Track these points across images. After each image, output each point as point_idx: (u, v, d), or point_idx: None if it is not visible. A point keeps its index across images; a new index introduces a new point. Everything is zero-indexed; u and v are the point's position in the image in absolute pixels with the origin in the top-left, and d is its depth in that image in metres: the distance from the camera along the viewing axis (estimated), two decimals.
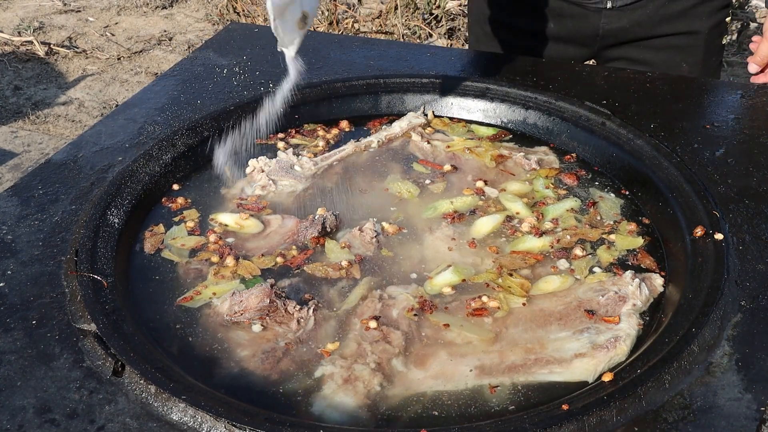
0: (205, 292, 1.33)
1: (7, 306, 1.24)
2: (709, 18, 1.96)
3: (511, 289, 1.32)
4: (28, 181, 1.53)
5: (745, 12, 4.58)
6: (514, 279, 1.34)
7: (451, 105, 1.82)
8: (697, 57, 2.00)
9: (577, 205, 1.52)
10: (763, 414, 1.05)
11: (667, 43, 1.98)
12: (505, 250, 1.42)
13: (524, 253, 1.40)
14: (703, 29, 1.96)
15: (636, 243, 1.43)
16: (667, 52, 1.99)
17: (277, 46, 1.42)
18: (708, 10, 1.95)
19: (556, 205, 1.52)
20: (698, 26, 1.96)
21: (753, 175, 1.52)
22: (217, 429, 1.04)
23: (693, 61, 2.00)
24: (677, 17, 1.95)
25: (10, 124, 3.96)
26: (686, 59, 1.99)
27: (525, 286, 1.33)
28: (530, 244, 1.43)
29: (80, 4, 5.29)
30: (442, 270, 1.36)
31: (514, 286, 1.33)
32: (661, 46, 1.99)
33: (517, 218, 1.49)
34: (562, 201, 1.53)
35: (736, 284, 1.26)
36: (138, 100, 1.80)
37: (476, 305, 1.28)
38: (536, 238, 1.43)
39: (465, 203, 1.53)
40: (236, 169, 1.61)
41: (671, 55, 1.99)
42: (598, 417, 1.04)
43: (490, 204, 1.54)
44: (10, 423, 1.04)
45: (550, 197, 1.54)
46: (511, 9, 2.06)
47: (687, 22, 1.95)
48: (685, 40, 1.98)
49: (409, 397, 1.15)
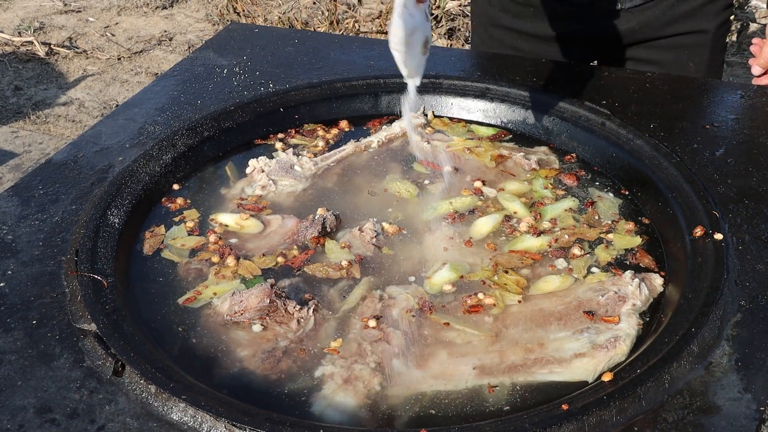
0: (206, 292, 1.33)
1: (7, 306, 1.24)
2: (716, 17, 1.96)
3: (507, 286, 1.33)
4: (28, 181, 1.53)
5: (744, 12, 4.58)
6: (510, 276, 1.35)
7: (451, 105, 1.82)
8: (704, 56, 2.00)
9: (576, 204, 1.53)
10: (763, 414, 1.05)
11: (675, 42, 1.98)
12: (503, 249, 1.42)
13: (522, 252, 1.41)
14: (710, 28, 1.96)
15: (634, 242, 1.43)
16: (674, 51, 1.99)
17: (404, 78, 1.41)
18: (715, 9, 1.95)
19: (554, 205, 1.52)
20: (706, 25, 1.96)
21: (753, 175, 1.52)
22: (217, 429, 1.04)
23: (700, 60, 2.00)
24: (686, 17, 1.94)
25: (10, 124, 3.96)
26: (693, 58, 1.99)
27: (521, 283, 1.34)
28: (528, 243, 1.43)
29: (80, 5, 5.29)
30: (439, 268, 1.37)
31: (510, 283, 1.33)
32: (669, 45, 1.99)
33: (515, 218, 1.50)
34: (560, 201, 1.53)
35: (736, 284, 1.26)
36: (138, 100, 1.80)
37: (472, 302, 1.29)
38: (534, 238, 1.44)
39: (464, 203, 1.53)
40: None
41: (679, 55, 1.99)
42: (597, 417, 1.04)
43: (489, 204, 1.54)
44: (11, 423, 1.04)
45: (549, 197, 1.55)
46: (515, 12, 2.05)
47: (695, 21, 1.95)
48: (693, 39, 1.98)
49: (409, 397, 1.15)
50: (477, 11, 2.18)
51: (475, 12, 2.20)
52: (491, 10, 2.10)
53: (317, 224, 1.45)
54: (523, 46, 2.06)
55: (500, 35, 2.10)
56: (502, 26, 2.09)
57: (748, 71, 1.91)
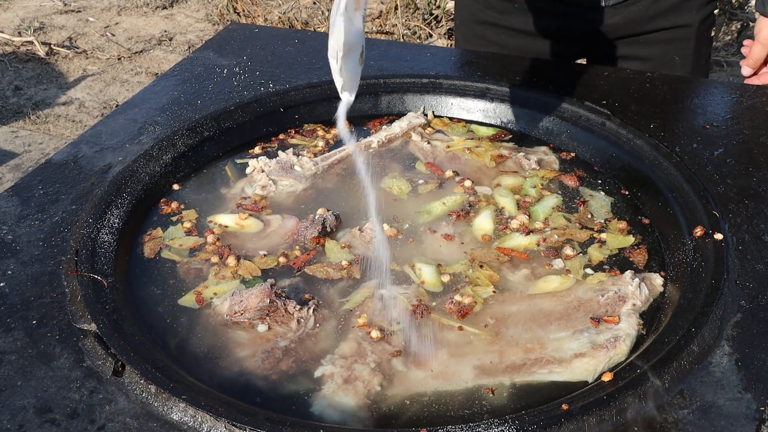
0: (206, 292, 1.33)
1: (7, 306, 1.24)
2: (700, 10, 1.97)
3: (479, 280, 1.34)
4: (28, 181, 1.53)
5: (744, 12, 4.58)
6: (483, 271, 1.36)
7: (451, 105, 1.82)
8: (689, 50, 2.01)
9: (561, 202, 1.53)
10: (763, 414, 1.05)
11: (660, 37, 1.99)
12: (492, 246, 1.43)
13: (509, 250, 1.41)
14: (694, 22, 1.97)
15: (627, 241, 1.43)
16: (659, 46, 2.00)
17: (339, 90, 1.26)
18: (698, 3, 1.97)
19: (544, 202, 1.53)
20: (689, 19, 1.97)
21: (752, 175, 1.52)
22: (217, 429, 1.04)
23: (685, 54, 2.01)
24: (669, 12, 1.96)
25: (10, 124, 3.96)
26: (678, 52, 2.01)
27: (493, 278, 1.35)
28: (516, 241, 1.43)
29: (80, 5, 5.29)
30: (424, 265, 1.37)
31: (482, 277, 1.34)
32: (653, 41, 2.00)
33: (507, 214, 1.50)
34: (548, 198, 1.54)
35: (736, 284, 1.26)
36: (138, 100, 1.80)
37: (455, 308, 1.29)
38: (523, 236, 1.44)
39: (456, 202, 1.54)
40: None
41: (664, 50, 2.01)
42: (598, 417, 1.04)
43: (481, 199, 1.54)
44: (11, 423, 1.04)
45: (541, 195, 1.55)
46: (500, 8, 2.05)
47: (679, 15, 1.96)
48: (677, 34, 1.99)
49: (409, 397, 1.15)
50: (461, 8, 2.18)
51: (458, 9, 2.20)
52: (475, 7, 2.11)
53: (317, 224, 1.45)
54: (508, 43, 2.07)
55: (484, 32, 2.11)
56: (487, 23, 2.09)
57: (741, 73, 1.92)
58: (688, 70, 2.02)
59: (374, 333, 1.23)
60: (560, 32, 2.02)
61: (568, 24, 1.99)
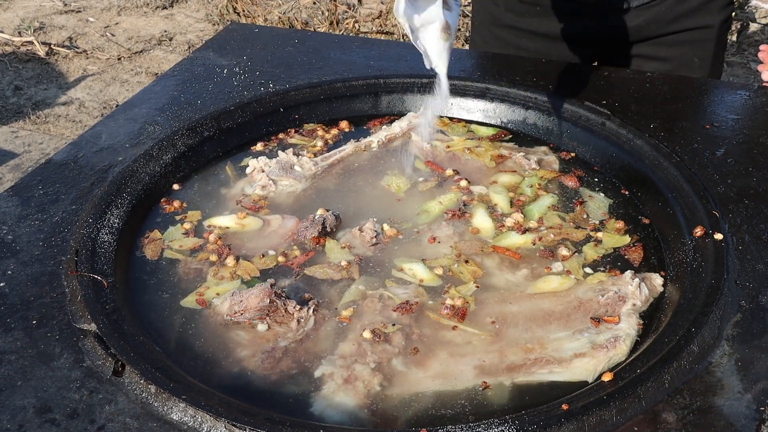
0: (207, 293, 1.32)
1: (7, 306, 1.24)
2: (720, 12, 1.97)
3: (462, 276, 1.34)
4: (28, 181, 1.53)
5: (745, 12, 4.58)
6: (467, 266, 1.36)
7: (451, 105, 1.82)
8: (709, 51, 2.01)
9: (556, 201, 1.53)
10: (763, 414, 1.05)
11: (681, 39, 1.99)
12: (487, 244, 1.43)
13: (503, 249, 1.41)
14: (715, 23, 1.97)
15: (623, 241, 1.43)
16: (679, 47, 2.00)
17: (426, 63, 1.29)
18: (719, 5, 1.96)
19: (539, 201, 1.53)
20: (711, 20, 1.97)
21: (753, 175, 1.52)
22: (217, 429, 1.04)
23: (704, 56, 2.01)
24: (692, 13, 1.95)
25: (10, 124, 3.96)
26: (698, 54, 2.00)
27: (476, 274, 1.35)
28: (511, 240, 1.43)
29: (80, 5, 5.29)
30: (414, 264, 1.38)
31: (465, 272, 1.35)
32: (675, 42, 1.99)
33: (500, 211, 1.51)
34: (544, 198, 1.54)
35: (736, 284, 1.26)
36: (138, 100, 1.81)
37: (450, 312, 1.28)
38: (518, 235, 1.44)
39: (452, 200, 1.54)
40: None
41: (684, 51, 2.00)
42: (597, 417, 1.04)
43: (474, 198, 1.54)
44: (11, 423, 1.04)
45: (537, 195, 1.55)
46: (521, 11, 2.04)
47: (701, 17, 1.96)
48: (698, 35, 1.99)
49: (409, 397, 1.15)
50: (479, 10, 2.17)
51: (477, 11, 2.19)
52: (495, 9, 2.09)
53: (317, 224, 1.45)
54: (527, 45, 2.06)
55: (504, 34, 2.10)
56: (507, 25, 2.08)
57: (748, 71, 1.92)
58: (705, 72, 2.01)
59: (366, 333, 1.23)
60: (583, 34, 2.01)
61: (590, 26, 1.98)
